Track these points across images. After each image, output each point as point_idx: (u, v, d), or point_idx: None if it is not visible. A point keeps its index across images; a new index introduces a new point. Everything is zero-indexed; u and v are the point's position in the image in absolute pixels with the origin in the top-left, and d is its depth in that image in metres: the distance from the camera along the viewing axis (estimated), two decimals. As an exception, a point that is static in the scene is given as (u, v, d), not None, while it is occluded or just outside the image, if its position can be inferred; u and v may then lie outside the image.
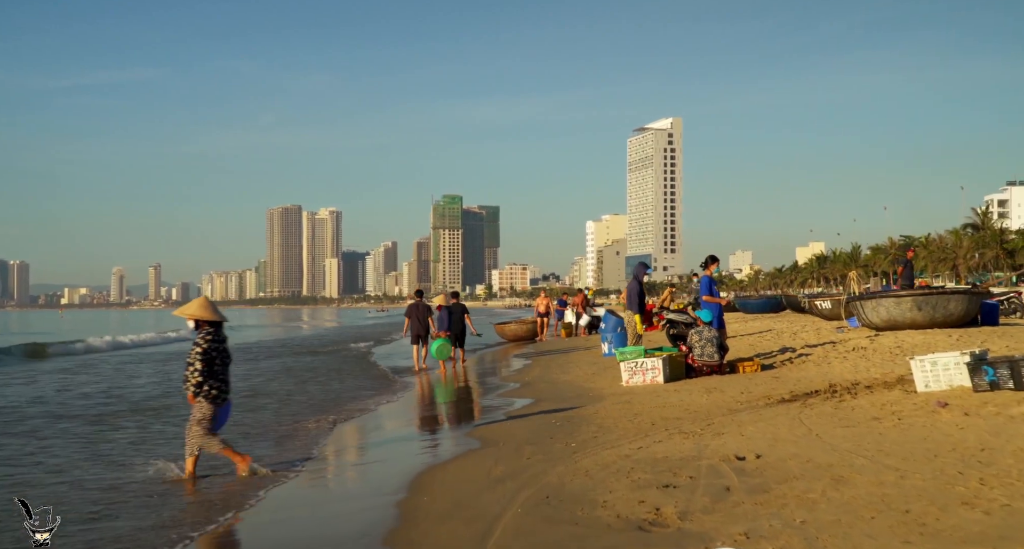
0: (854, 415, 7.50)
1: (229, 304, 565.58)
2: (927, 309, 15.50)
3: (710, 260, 13.48)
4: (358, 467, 8.34)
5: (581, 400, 10.88)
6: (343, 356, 24.90)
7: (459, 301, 19.38)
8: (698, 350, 12.22)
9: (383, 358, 23.33)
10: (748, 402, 9.13)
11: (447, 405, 12.93)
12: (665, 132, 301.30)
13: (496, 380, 15.53)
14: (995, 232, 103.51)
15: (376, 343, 32.04)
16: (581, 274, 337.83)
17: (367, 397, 13.60)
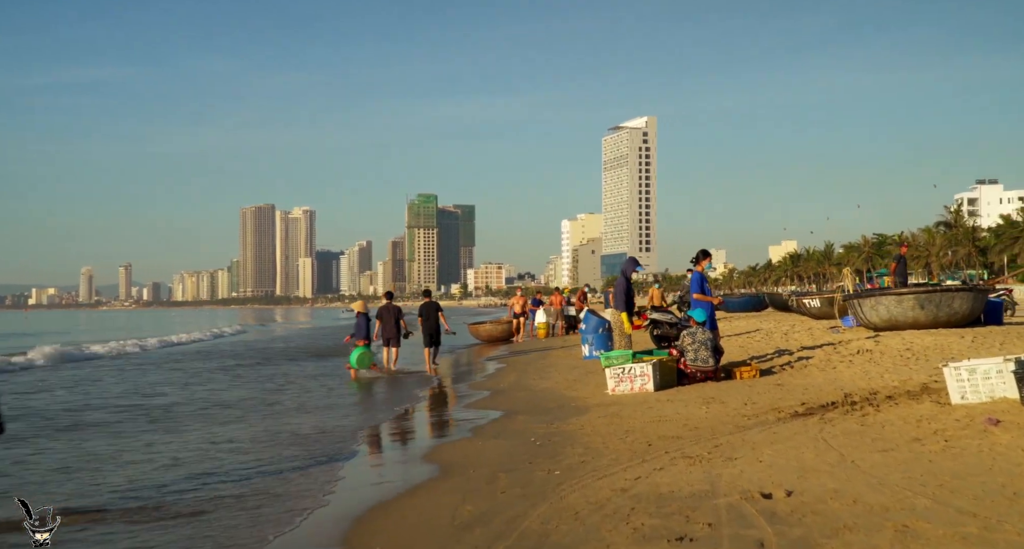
0: (888, 434, 6.36)
1: (201, 304, 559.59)
2: (930, 308, 14.49)
3: (701, 255, 12.32)
4: (273, 509, 6.12)
5: (563, 412, 9.68)
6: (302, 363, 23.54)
7: (432, 300, 18.90)
8: (691, 354, 11.07)
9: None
10: (755, 416, 7.98)
11: (403, 417, 11.34)
12: (640, 131, 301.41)
13: (465, 387, 14.21)
14: (967, 230, 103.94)
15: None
16: (556, 273, 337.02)
17: (311, 410, 12.33)
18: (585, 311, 18.43)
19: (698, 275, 12.17)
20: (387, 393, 13.95)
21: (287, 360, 22.64)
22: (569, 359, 17.90)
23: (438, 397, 13.54)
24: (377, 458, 8.36)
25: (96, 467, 7.69)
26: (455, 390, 14.26)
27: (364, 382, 15.60)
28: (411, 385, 15.28)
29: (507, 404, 11.01)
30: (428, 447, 8.45)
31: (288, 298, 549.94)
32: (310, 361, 22.21)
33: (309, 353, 25.75)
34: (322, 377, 17.03)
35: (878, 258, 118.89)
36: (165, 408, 12.25)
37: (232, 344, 33.10)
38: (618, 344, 12.47)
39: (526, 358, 19.54)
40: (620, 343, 12.38)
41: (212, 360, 23.22)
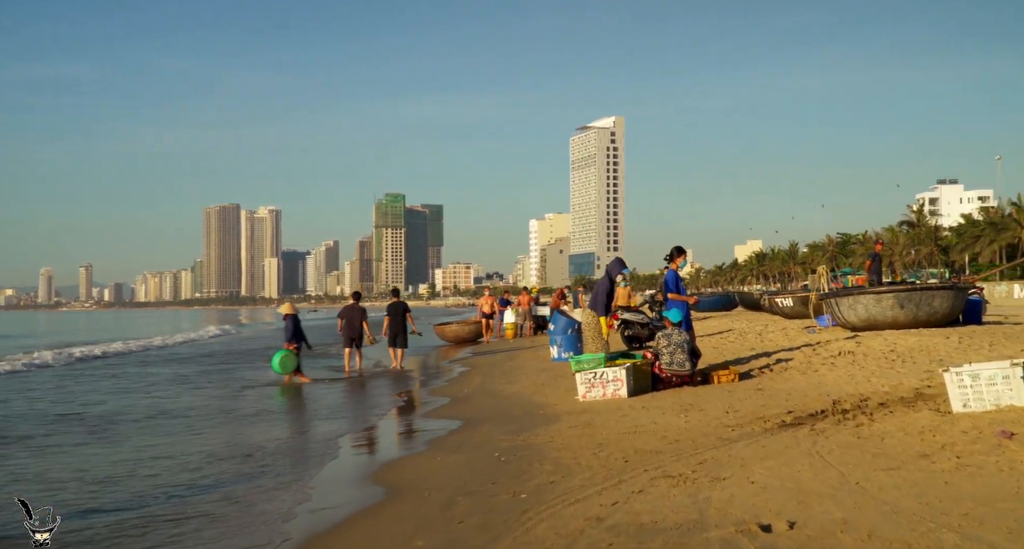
0: (890, 449, 5.73)
1: (164, 305, 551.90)
2: (910, 307, 14.00)
3: (676, 252, 11.65)
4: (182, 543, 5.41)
5: (530, 421, 8.96)
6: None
7: (399, 300, 18.51)
8: (666, 357, 10.41)
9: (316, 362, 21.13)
10: (739, 426, 7.32)
11: (350, 428, 10.08)
12: (607, 131, 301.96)
13: (426, 392, 13.42)
14: (930, 229, 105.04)
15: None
16: (525, 273, 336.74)
17: (246, 421, 11.52)
18: (554, 311, 17.76)
19: (673, 274, 11.53)
20: (336, 401, 13.05)
21: (245, 363, 21.71)
22: (537, 361, 17.22)
23: (393, 405, 12.73)
24: (313, 478, 7.09)
25: (14, 488, 6.83)
26: (414, 396, 13.49)
27: (307, 390, 14.55)
28: (363, 391, 14.47)
29: (470, 412, 10.26)
30: (377, 464, 7.58)
31: (253, 299, 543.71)
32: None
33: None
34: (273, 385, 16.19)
35: (842, 257, 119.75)
36: (106, 418, 11.35)
37: (207, 345, 32.00)
38: (594, 347, 11.73)
39: (493, 360, 18.83)
40: (596, 346, 11.65)
41: (169, 365, 22.22)
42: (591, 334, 12.21)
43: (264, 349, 27.23)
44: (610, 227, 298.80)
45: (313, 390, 14.40)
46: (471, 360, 19.94)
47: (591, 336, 12.19)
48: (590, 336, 12.30)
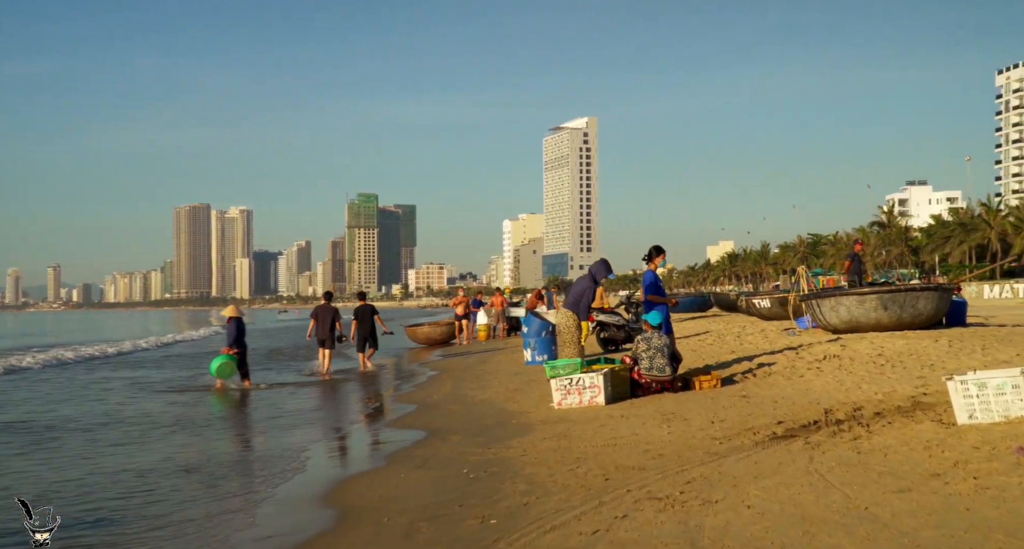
0: (895, 466, 5.23)
1: (134, 306, 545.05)
2: (894, 308, 13.59)
3: (654, 252, 11.13)
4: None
5: (503, 431, 8.39)
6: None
7: (366, 302, 18.51)
8: (645, 362, 9.88)
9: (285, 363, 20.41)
10: (727, 438, 6.80)
11: (304, 439, 9.27)
12: (580, 132, 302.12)
13: (392, 399, 12.78)
14: (900, 230, 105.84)
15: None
16: (498, 273, 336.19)
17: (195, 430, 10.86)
18: (528, 313, 17.22)
19: (651, 274, 11.00)
20: (293, 408, 12.32)
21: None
22: (510, 364, 16.65)
23: (357, 412, 12.07)
24: (260, 499, 6.38)
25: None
26: (379, 402, 12.85)
27: (265, 397, 13.83)
28: (324, 397, 13.80)
29: (438, 421, 9.65)
30: (332, 482, 6.84)
31: (224, 299, 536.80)
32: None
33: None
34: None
35: (813, 258, 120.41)
36: (55, 426, 10.61)
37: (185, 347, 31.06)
38: (571, 352, 11.09)
39: (464, 363, 18.23)
40: (573, 351, 11.01)
41: (136, 368, 21.39)
42: (568, 337, 11.40)
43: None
44: (583, 228, 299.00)
45: (272, 397, 13.72)
46: (442, 363, 19.34)
47: (568, 340, 11.41)
48: (567, 340, 11.51)
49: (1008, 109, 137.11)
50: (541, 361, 16.03)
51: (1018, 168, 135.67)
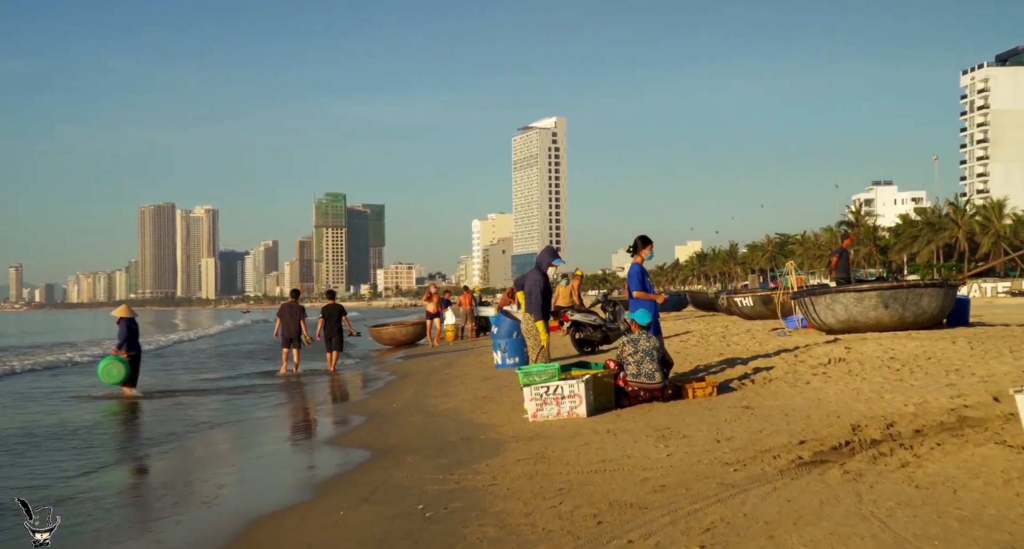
0: (974, 507, 4.04)
1: (98, 306, 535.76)
2: (895, 306, 12.52)
3: (641, 243, 9.89)
4: None
5: (469, 450, 7.12)
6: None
7: (335, 302, 18.22)
8: (632, 367, 8.66)
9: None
10: (740, 462, 5.58)
11: (222, 459, 8.06)
12: (549, 131, 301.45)
13: (345, 407, 11.44)
14: (868, 229, 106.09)
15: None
16: (467, 273, 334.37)
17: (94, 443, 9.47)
18: (497, 312, 15.98)
19: (638, 268, 9.77)
20: (223, 418, 10.98)
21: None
22: (479, 368, 15.39)
23: (294, 425, 10.67)
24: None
25: None
26: (326, 413, 11.49)
27: (188, 403, 12.49)
28: (265, 405, 12.41)
29: (394, 436, 8.32)
30: (243, 521, 5.35)
31: (190, 300, 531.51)
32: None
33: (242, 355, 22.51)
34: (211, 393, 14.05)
35: (781, 257, 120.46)
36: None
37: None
38: (534, 357, 9.81)
39: (429, 366, 16.92)
40: (534, 356, 9.71)
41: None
42: (530, 342, 9.94)
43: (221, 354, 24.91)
44: (552, 227, 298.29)
45: (200, 403, 12.39)
46: (405, 366, 18.04)
47: (531, 344, 9.96)
48: (531, 345, 10.05)
49: (973, 109, 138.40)
50: (512, 364, 14.82)
51: (983, 168, 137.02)
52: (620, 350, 8.84)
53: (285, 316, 17.17)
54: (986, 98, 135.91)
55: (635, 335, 8.84)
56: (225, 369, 19.62)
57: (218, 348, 29.71)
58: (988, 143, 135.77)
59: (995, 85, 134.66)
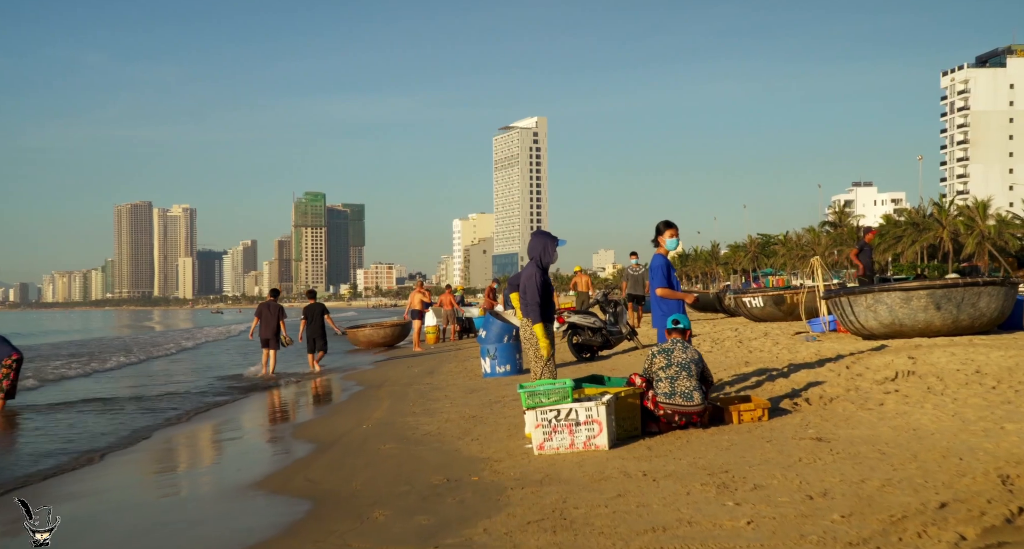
0: None
1: (73, 305, 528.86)
2: (949, 308, 10.81)
3: (663, 226, 8.05)
4: None
5: (458, 502, 5.25)
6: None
7: (316, 301, 17.86)
8: (664, 385, 6.84)
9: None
10: (866, 541, 3.76)
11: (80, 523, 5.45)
12: (530, 131, 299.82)
13: (289, 431, 9.41)
14: (852, 229, 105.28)
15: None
16: (448, 273, 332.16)
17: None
18: (486, 313, 14.15)
19: (661, 260, 7.94)
20: (112, 440, 9.16)
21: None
22: (465, 376, 13.57)
23: (220, 455, 8.67)
24: None
25: None
26: (274, 437, 9.53)
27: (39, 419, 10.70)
28: (187, 425, 10.50)
29: (358, 476, 6.39)
30: None
31: (167, 299, 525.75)
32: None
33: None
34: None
35: (764, 258, 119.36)
36: None
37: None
38: (534, 371, 7.78)
39: (408, 374, 15.04)
40: (536, 369, 7.72)
41: None
42: (531, 353, 7.74)
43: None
44: (533, 227, 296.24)
45: (99, 417, 10.52)
46: (379, 373, 16.15)
47: (532, 355, 7.75)
48: (530, 356, 7.79)
49: (953, 111, 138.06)
50: (503, 373, 13.02)
51: (962, 169, 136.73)
52: (648, 362, 7.03)
53: (264, 315, 16.61)
54: (966, 99, 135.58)
55: (668, 344, 7.02)
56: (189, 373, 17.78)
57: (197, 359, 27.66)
58: (968, 144, 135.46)
59: (975, 86, 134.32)
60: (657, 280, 7.87)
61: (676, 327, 7.19)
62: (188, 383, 16.01)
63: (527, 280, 7.45)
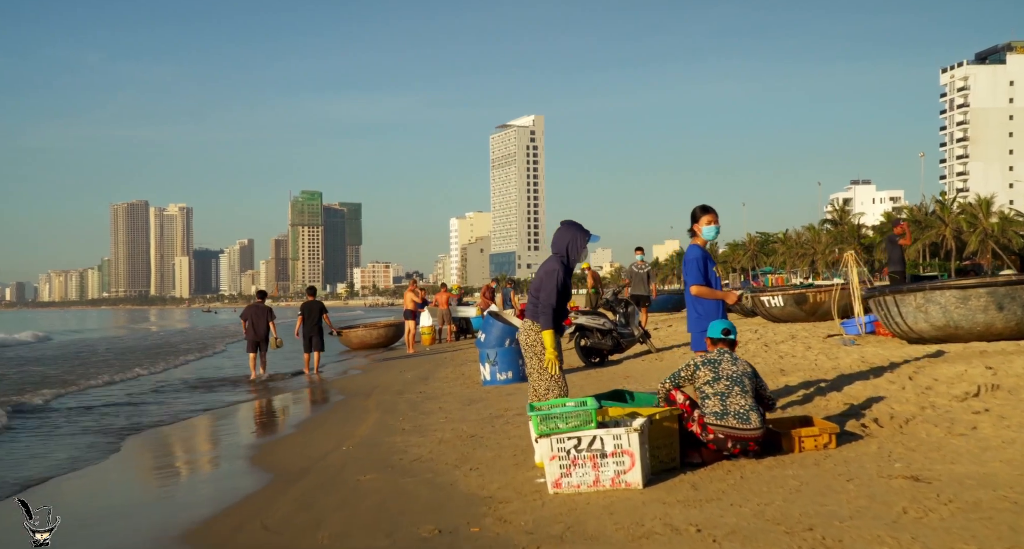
0: None
1: (69, 305, 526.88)
2: (1013, 308, 9.51)
3: (700, 212, 6.74)
4: None
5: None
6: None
7: (315, 299, 16.90)
8: (715, 404, 5.52)
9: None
10: None
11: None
12: (527, 129, 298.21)
13: (266, 453, 7.92)
14: (853, 228, 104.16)
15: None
16: (445, 272, 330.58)
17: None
18: (485, 314, 12.85)
19: (697, 252, 6.61)
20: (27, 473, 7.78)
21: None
22: (462, 383, 12.27)
23: (140, 493, 6.99)
24: None
25: None
26: (224, 462, 8.08)
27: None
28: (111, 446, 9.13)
29: (328, 522, 4.98)
30: None
31: (163, 298, 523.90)
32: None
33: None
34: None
35: (762, 256, 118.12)
36: None
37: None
38: (535, 387, 6.15)
39: (400, 380, 13.73)
40: (540, 385, 6.09)
41: None
42: (535, 367, 6.13)
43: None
44: (531, 226, 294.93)
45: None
46: (370, 378, 14.83)
47: (533, 367, 6.11)
48: (533, 367, 6.12)
49: (953, 108, 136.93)
50: (504, 380, 11.72)
51: (962, 167, 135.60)
52: (687, 374, 5.71)
53: (251, 318, 15.84)
54: (966, 96, 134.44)
55: (713, 355, 5.71)
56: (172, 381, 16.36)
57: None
58: (968, 142, 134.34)
59: (975, 83, 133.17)
60: (692, 276, 6.54)
61: (726, 338, 5.86)
62: (162, 393, 14.59)
63: (546, 276, 6.06)
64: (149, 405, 12.44)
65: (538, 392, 6.05)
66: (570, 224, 6.30)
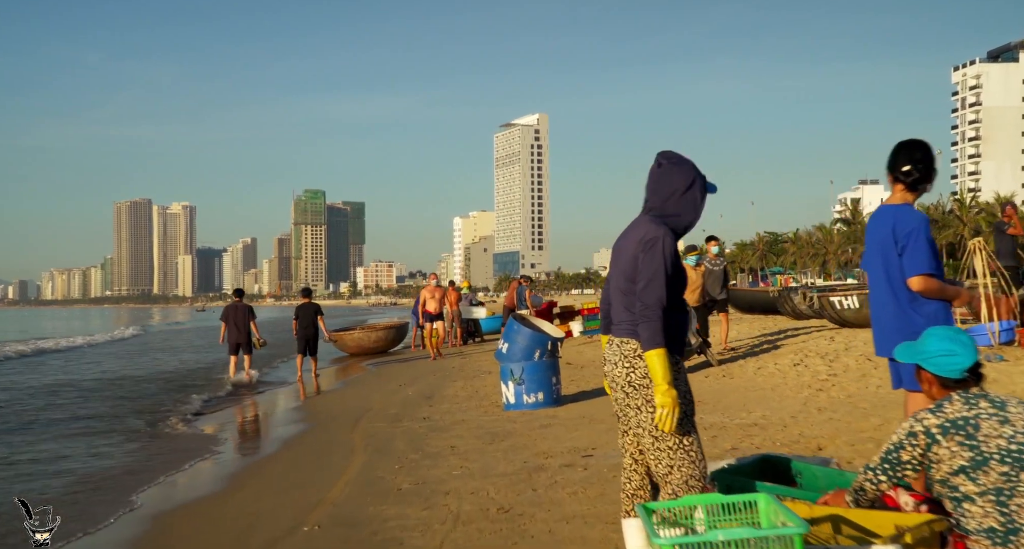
0: None
1: (72, 303, 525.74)
2: None
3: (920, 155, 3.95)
4: None
5: None
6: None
7: (311, 300, 15.78)
8: (983, 512, 2.79)
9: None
10: None
11: None
12: (531, 128, 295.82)
13: (186, 540, 5.30)
14: (866, 227, 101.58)
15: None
16: (448, 271, 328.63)
17: None
18: (508, 314, 10.12)
19: (922, 219, 3.94)
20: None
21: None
22: (477, 405, 9.58)
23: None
24: None
25: None
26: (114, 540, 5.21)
27: None
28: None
29: None
30: None
31: (166, 297, 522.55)
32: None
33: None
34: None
35: (772, 256, 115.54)
36: None
37: None
38: (662, 469, 3.27)
39: (399, 399, 10.97)
40: (670, 465, 3.16)
41: None
42: (632, 416, 3.28)
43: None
44: (534, 225, 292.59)
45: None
46: (362, 395, 12.03)
47: (641, 424, 3.25)
48: (635, 422, 3.32)
49: (964, 107, 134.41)
50: (533, 404, 9.00)
51: (974, 166, 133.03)
52: (913, 446, 2.95)
53: (230, 319, 15.16)
54: (978, 95, 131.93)
55: (958, 405, 2.95)
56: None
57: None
58: (980, 140, 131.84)
59: (987, 82, 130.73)
60: (921, 256, 3.85)
61: (973, 374, 3.10)
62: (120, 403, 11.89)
63: (645, 252, 3.38)
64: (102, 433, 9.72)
65: (651, 468, 3.31)
66: (680, 161, 3.60)
